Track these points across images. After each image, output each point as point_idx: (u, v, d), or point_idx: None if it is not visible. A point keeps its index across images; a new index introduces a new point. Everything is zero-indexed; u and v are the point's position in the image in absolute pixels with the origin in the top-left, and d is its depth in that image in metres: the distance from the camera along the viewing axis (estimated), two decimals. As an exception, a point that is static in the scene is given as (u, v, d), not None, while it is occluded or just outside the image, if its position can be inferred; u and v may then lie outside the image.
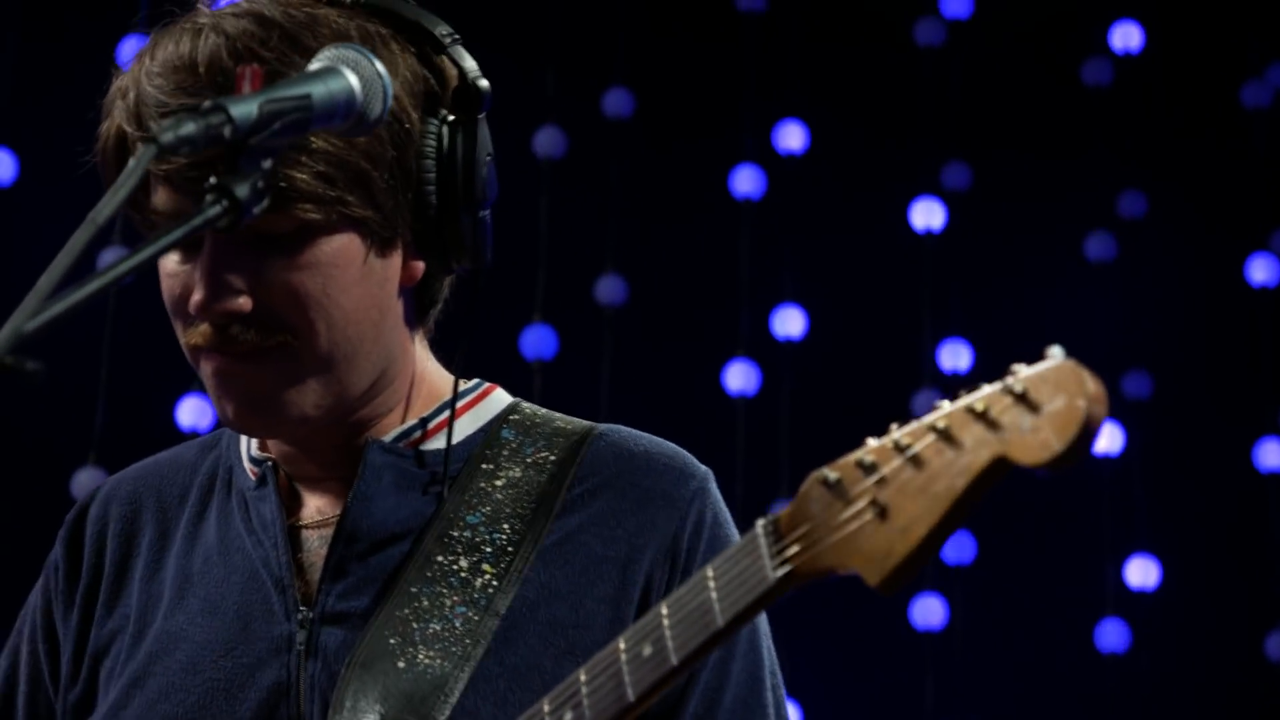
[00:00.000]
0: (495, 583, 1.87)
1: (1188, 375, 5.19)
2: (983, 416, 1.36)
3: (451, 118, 1.87)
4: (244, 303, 1.80)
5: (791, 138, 5.10)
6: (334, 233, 1.81)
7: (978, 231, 5.10)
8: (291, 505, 1.96)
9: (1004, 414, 1.35)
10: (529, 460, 1.95)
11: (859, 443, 1.46)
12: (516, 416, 2.00)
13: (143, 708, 1.90)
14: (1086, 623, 4.99)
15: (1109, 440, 5.04)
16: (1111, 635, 4.97)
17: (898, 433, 1.41)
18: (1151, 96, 5.26)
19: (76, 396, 4.50)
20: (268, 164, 1.59)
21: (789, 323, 5.02)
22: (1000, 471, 1.37)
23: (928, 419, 1.39)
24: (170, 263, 1.84)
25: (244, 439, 2.01)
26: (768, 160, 5.09)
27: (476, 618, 1.85)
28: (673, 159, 5.15)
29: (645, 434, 1.99)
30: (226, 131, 1.54)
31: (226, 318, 1.80)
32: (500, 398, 2.02)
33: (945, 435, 1.37)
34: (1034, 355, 1.36)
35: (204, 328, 1.82)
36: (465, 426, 1.97)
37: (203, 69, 1.77)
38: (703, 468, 1.98)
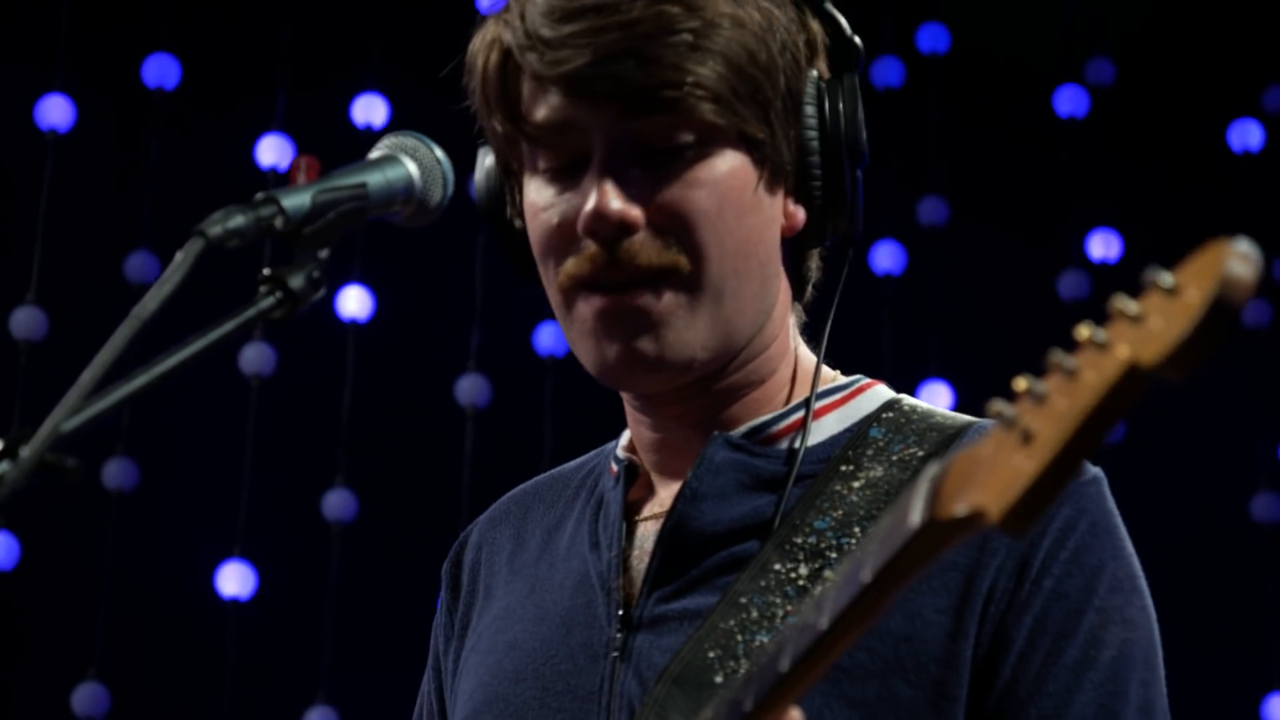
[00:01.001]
0: None
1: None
2: (1135, 320, 1.15)
3: (827, 76, 1.80)
4: (637, 214, 1.71)
5: (933, 211, 5.07)
6: (727, 150, 1.73)
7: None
8: (641, 502, 1.84)
9: (1151, 313, 1.13)
10: (895, 458, 1.76)
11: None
12: (890, 414, 1.81)
13: (467, 714, 1.84)
14: (1253, 695, 4.87)
15: (1268, 507, 4.94)
16: (1282, 710, 4.85)
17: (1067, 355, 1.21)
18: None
19: (220, 492, 4.55)
20: (324, 254, 1.56)
21: (936, 399, 4.97)
22: (1136, 380, 1.14)
23: (1090, 330, 1.18)
24: (543, 196, 1.77)
25: (615, 447, 1.91)
26: (909, 234, 5.06)
27: None
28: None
29: None
30: (279, 223, 1.52)
31: (619, 230, 1.71)
32: (878, 394, 1.85)
33: (1101, 347, 1.16)
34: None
35: (590, 251, 1.73)
36: (831, 425, 1.81)
37: None
38: (1093, 468, 1.74)
